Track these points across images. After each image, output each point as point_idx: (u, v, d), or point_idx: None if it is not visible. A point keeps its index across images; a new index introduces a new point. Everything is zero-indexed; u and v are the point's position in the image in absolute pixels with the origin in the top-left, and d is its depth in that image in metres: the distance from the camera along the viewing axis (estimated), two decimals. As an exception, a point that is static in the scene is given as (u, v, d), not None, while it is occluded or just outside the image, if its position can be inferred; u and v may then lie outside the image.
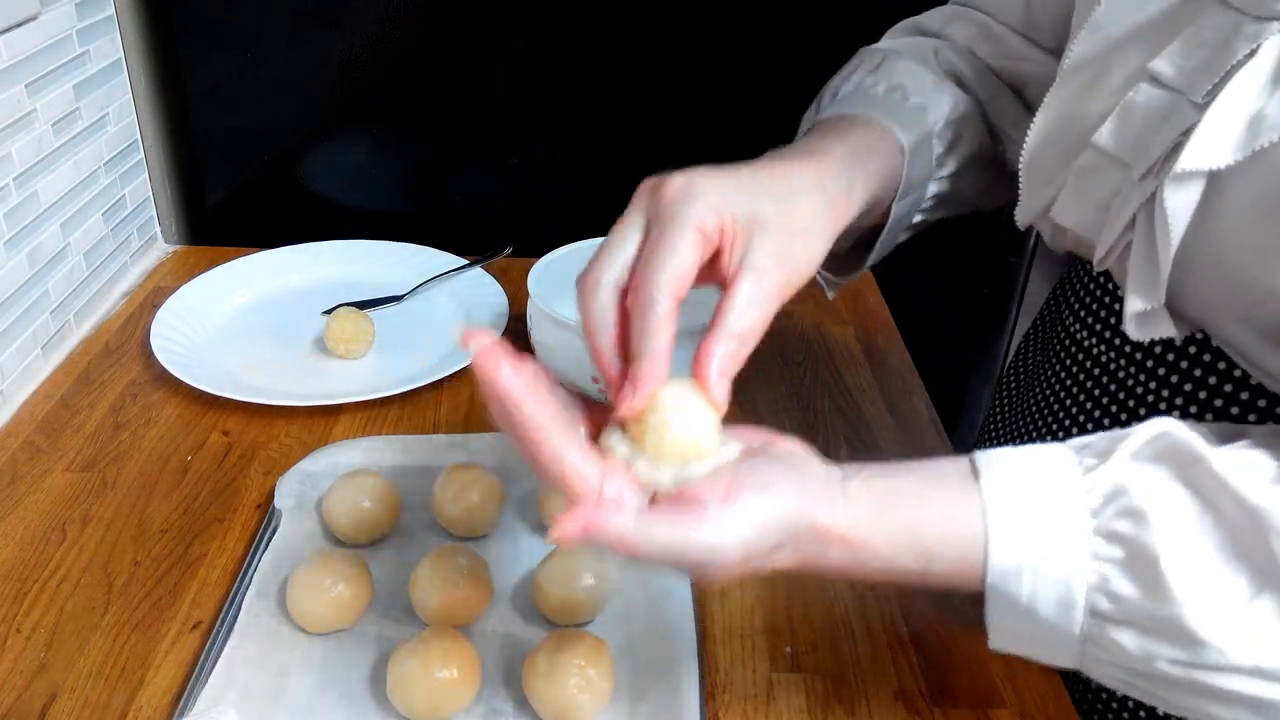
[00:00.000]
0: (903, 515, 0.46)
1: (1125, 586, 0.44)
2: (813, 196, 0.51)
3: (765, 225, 0.48)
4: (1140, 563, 0.43)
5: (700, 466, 0.46)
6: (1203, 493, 0.44)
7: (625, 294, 0.47)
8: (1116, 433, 0.47)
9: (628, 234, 0.48)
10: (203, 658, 0.61)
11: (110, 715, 0.59)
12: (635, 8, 1.04)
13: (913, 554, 0.46)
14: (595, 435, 0.48)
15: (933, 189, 0.63)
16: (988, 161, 0.65)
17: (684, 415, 0.45)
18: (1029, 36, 0.66)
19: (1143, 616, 0.44)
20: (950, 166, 0.63)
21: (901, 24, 0.72)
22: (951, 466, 0.48)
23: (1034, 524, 0.45)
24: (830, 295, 0.68)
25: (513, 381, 0.42)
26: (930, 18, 0.70)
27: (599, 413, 0.49)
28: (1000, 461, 0.47)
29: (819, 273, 0.65)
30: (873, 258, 0.64)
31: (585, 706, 0.56)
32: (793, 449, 0.48)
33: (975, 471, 0.47)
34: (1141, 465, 0.45)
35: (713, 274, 0.48)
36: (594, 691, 0.56)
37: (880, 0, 1.03)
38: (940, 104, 0.62)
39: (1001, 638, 0.48)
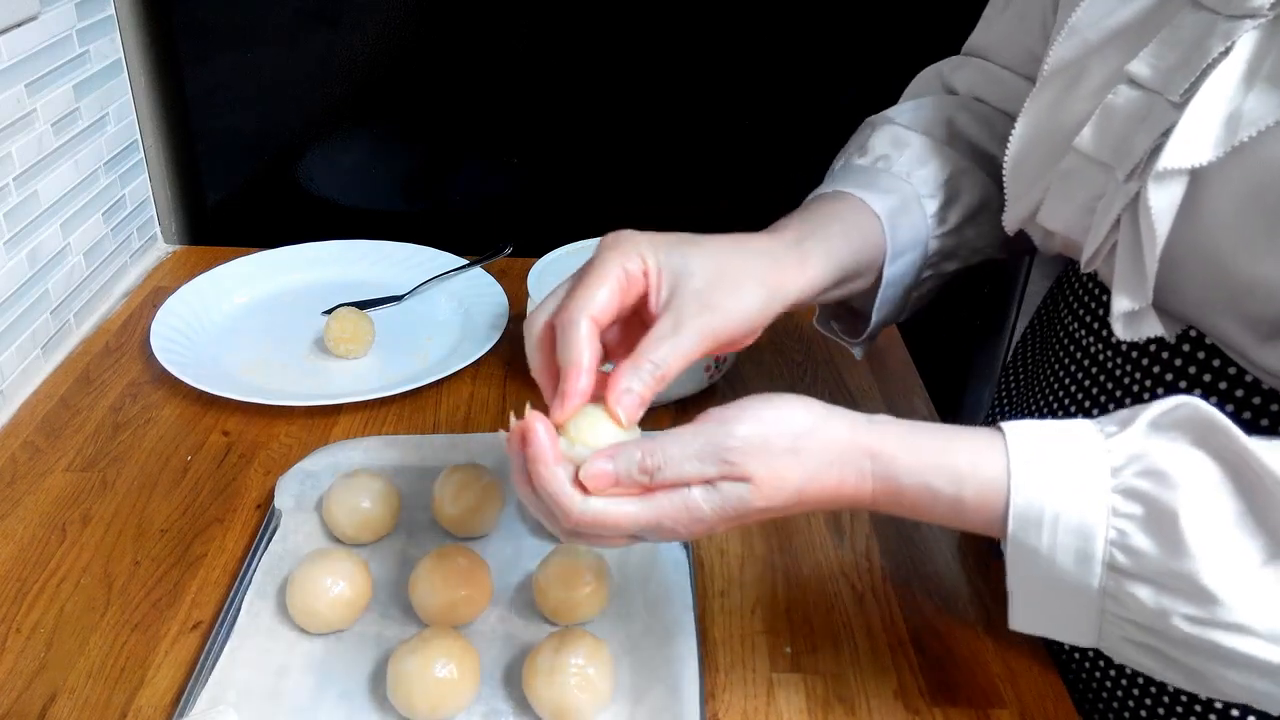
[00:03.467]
0: (933, 441, 0.48)
1: (1143, 542, 0.44)
2: (745, 254, 0.55)
3: (690, 274, 0.52)
4: (1160, 520, 0.44)
5: None
6: (1225, 458, 0.44)
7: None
8: (1135, 407, 0.47)
9: (565, 284, 0.53)
10: (203, 658, 0.61)
11: (110, 715, 0.59)
12: (635, 8, 1.04)
13: (946, 476, 0.47)
14: None
15: (935, 245, 0.64)
16: (997, 210, 0.66)
17: (593, 434, 0.49)
18: (1027, 74, 0.67)
19: (1159, 572, 0.44)
20: (951, 222, 0.65)
21: (925, 73, 0.74)
22: (973, 427, 0.49)
23: (1055, 476, 0.46)
24: (859, 356, 0.71)
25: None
26: (947, 64, 0.72)
27: None
28: (1022, 424, 0.48)
29: (845, 341, 0.70)
30: (880, 315, 0.66)
31: (585, 706, 0.56)
32: (809, 397, 0.50)
33: (998, 430, 0.48)
34: (1163, 431, 0.46)
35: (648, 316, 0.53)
36: (594, 691, 0.56)
37: (878, 2, 1.04)
38: (927, 166, 0.64)
39: (1022, 610, 0.48)
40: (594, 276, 0.51)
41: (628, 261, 0.52)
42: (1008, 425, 0.47)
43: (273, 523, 0.71)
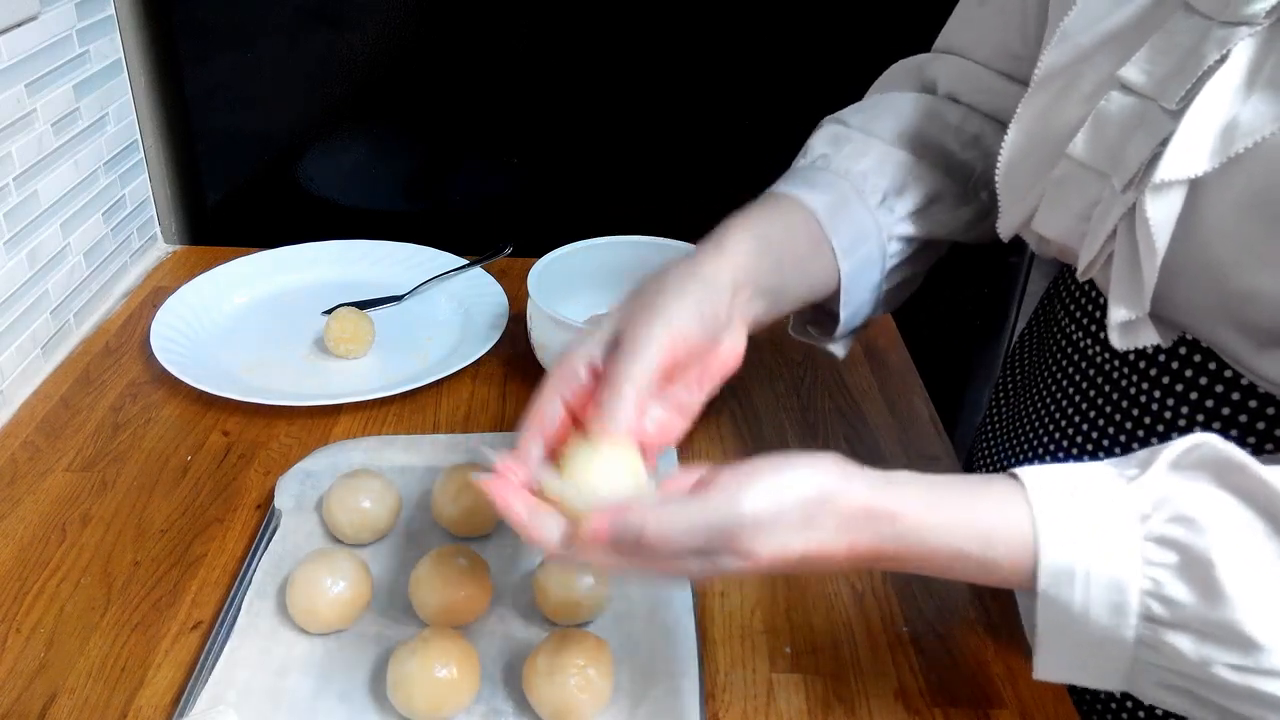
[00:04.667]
0: (957, 500, 0.46)
1: (1180, 591, 0.43)
2: (665, 266, 0.56)
3: (628, 313, 0.53)
4: (1194, 567, 0.42)
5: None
6: (1251, 498, 0.43)
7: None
8: (1153, 446, 0.46)
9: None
10: (203, 658, 0.61)
11: (110, 715, 0.59)
12: (635, 8, 1.04)
13: (974, 536, 0.45)
14: None
15: (900, 230, 0.64)
16: (958, 199, 0.66)
17: (604, 483, 0.48)
18: (1004, 71, 0.66)
19: (1198, 621, 0.43)
20: (900, 213, 0.64)
21: (897, 67, 0.73)
22: (992, 476, 0.47)
23: (1083, 530, 0.44)
24: (840, 355, 0.69)
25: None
26: (923, 59, 0.72)
27: None
28: (1041, 473, 0.46)
29: (822, 343, 0.68)
30: (850, 311, 0.65)
31: (585, 706, 0.56)
32: (825, 454, 0.49)
33: (1018, 481, 0.46)
34: (1184, 472, 0.45)
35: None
36: (594, 691, 0.56)
37: (880, 4, 1.04)
38: (865, 161, 0.64)
39: (1049, 660, 0.46)
40: (533, 404, 0.53)
41: (564, 387, 0.53)
42: (1026, 476, 0.46)
43: (273, 523, 0.71)
